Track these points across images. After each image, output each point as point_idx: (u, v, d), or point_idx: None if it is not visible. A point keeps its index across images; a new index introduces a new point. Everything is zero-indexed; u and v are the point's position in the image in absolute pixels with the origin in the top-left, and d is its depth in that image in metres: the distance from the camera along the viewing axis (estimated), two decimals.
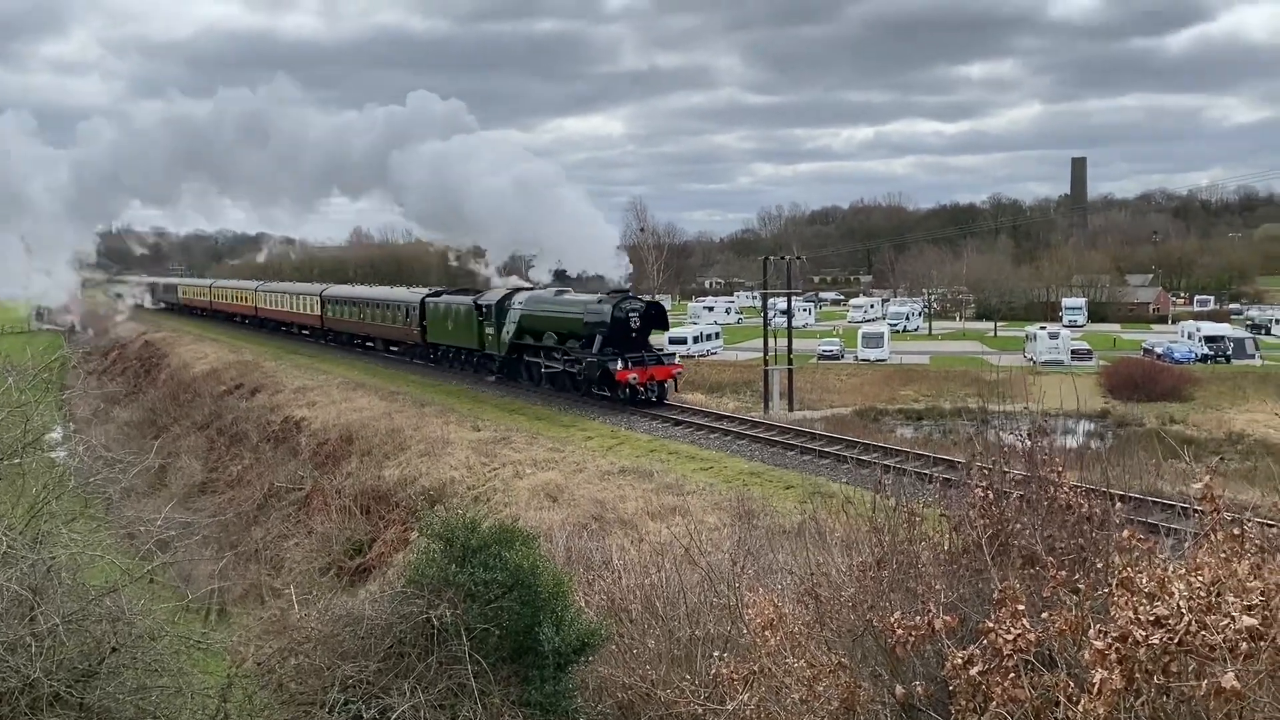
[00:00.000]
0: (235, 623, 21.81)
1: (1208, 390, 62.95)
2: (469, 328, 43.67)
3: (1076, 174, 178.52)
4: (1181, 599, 5.46)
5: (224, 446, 40.58)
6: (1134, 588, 5.68)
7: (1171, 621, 5.38)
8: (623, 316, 34.99)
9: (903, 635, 6.81)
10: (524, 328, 40.20)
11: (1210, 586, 5.62)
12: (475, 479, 27.21)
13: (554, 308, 38.80)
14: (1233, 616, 5.28)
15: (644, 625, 11.48)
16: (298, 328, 68.01)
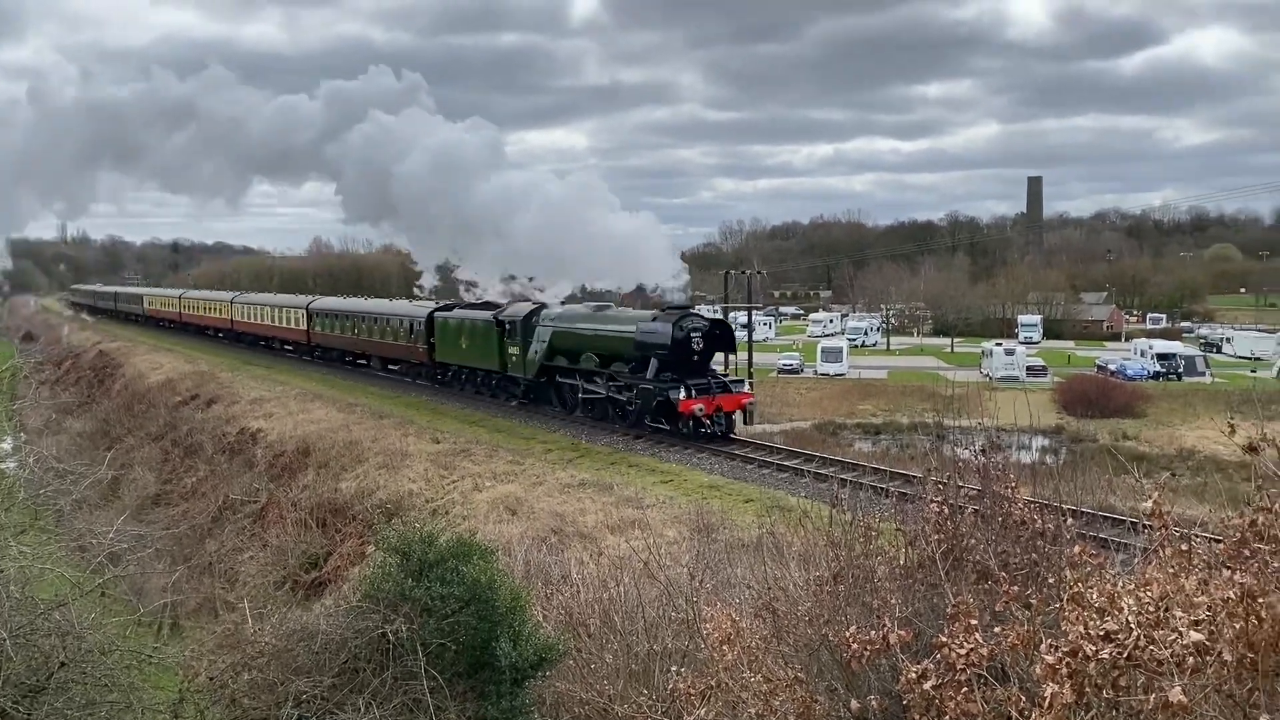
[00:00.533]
0: (188, 637, 21.54)
1: (1160, 407, 63.95)
2: (488, 346, 38.97)
3: (1032, 193, 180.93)
4: (1130, 614, 5.54)
5: (179, 458, 40.03)
6: (1084, 603, 5.76)
7: (1121, 636, 5.46)
8: (684, 337, 30.31)
9: (858, 649, 6.85)
10: (556, 347, 35.26)
11: (1158, 602, 5.71)
12: (434, 491, 27.05)
13: (596, 325, 33.87)
14: (1180, 631, 5.36)
15: (602, 640, 11.46)
16: (280, 343, 63.06)
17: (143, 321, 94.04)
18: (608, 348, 33.02)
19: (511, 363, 37.64)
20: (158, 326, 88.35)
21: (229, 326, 70.97)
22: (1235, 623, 5.29)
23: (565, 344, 34.90)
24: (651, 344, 30.74)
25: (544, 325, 35.88)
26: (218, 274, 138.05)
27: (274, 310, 64.04)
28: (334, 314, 55.54)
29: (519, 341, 36.85)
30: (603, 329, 33.50)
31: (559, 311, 36.16)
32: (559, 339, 35.14)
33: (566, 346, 34.85)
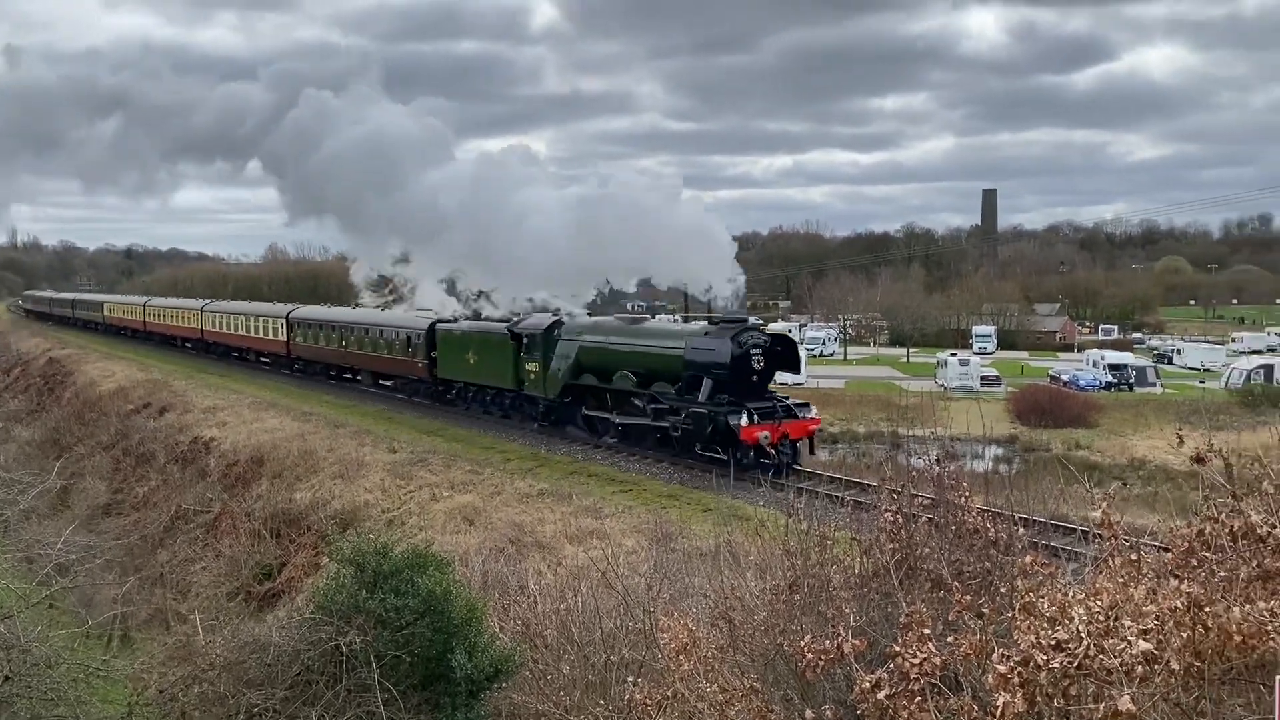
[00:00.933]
0: (139, 649, 21.21)
1: (1111, 417, 64.81)
2: (500, 362, 34.92)
3: (987, 205, 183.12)
4: (1081, 623, 5.61)
5: (130, 467, 39.41)
6: (1035, 612, 5.82)
7: (1071, 645, 5.52)
8: (743, 354, 26.38)
9: (812, 659, 6.88)
10: (584, 364, 31.30)
11: (1108, 611, 5.78)
12: (390, 502, 26.84)
13: (634, 340, 29.93)
14: (1129, 641, 5.44)
15: (559, 651, 11.41)
16: (256, 355, 58.67)
17: (102, 330, 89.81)
18: (649, 365, 29.19)
19: (529, 381, 33.75)
20: (119, 335, 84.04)
21: (199, 336, 66.47)
22: (1182, 632, 5.38)
23: (595, 360, 31.03)
24: (706, 362, 26.83)
25: (569, 339, 32.05)
26: (171, 280, 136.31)
27: (250, 320, 59.45)
28: (318, 324, 51.30)
29: (538, 357, 32.92)
30: (643, 344, 29.57)
31: (587, 323, 32.43)
32: (588, 355, 31.27)
33: (597, 363, 31.02)
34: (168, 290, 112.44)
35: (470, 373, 37.33)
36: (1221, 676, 5.45)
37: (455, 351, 38.16)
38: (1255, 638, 5.33)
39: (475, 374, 37.08)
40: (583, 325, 32.20)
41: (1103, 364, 79.08)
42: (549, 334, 32.75)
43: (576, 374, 31.53)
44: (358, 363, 46.83)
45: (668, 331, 30.15)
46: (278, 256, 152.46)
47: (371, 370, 46.09)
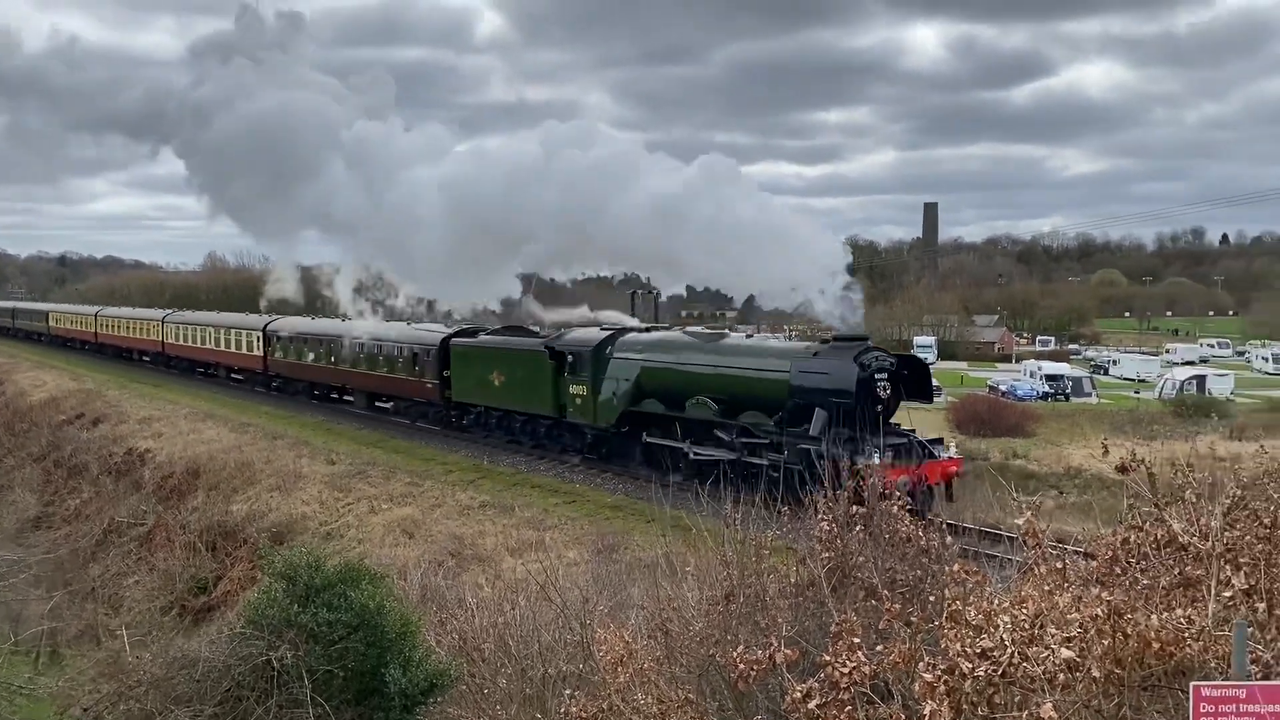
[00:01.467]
0: (67, 666, 20.72)
1: (1049, 426, 65.79)
2: (535, 384, 30.30)
3: (929, 218, 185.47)
4: (1006, 632, 5.67)
5: (62, 479, 38.58)
6: (962, 620, 5.88)
7: (996, 654, 5.59)
8: (867, 378, 22.18)
9: (745, 669, 6.89)
10: (647, 388, 26.72)
11: (1033, 619, 5.86)
12: (328, 514, 26.53)
13: (717, 360, 25.29)
14: (1052, 649, 5.51)
15: (496, 664, 11.32)
16: (226, 371, 54.04)
17: (47, 342, 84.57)
18: (737, 390, 24.41)
19: (574, 406, 29.19)
20: (66, 348, 78.65)
21: (159, 349, 61.28)
22: (1104, 639, 5.46)
23: (662, 383, 26.40)
24: (822, 389, 22.32)
25: (626, 358, 27.49)
26: (107, 288, 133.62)
27: (220, 332, 54.01)
28: (302, 338, 45.84)
29: (586, 378, 28.46)
30: (731, 365, 24.81)
31: (650, 339, 27.99)
32: (652, 377, 26.60)
33: (664, 387, 26.34)
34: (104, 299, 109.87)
35: (494, 395, 32.63)
36: (1141, 683, 5.55)
37: (475, 370, 33.36)
38: (1173, 644, 5.44)
39: (501, 397, 32.37)
40: (644, 342, 27.77)
41: (1040, 374, 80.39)
42: (599, 352, 28.30)
43: (636, 399, 26.92)
44: (351, 381, 42.03)
45: (765, 350, 25.14)
46: (217, 265, 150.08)
47: (367, 390, 41.28)
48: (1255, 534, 6.16)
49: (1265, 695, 5.02)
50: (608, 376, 27.74)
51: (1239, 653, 5.14)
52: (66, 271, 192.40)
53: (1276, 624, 5.64)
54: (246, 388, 51.21)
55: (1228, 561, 6.01)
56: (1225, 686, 5.07)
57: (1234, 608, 5.78)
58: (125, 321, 68.81)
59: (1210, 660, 5.47)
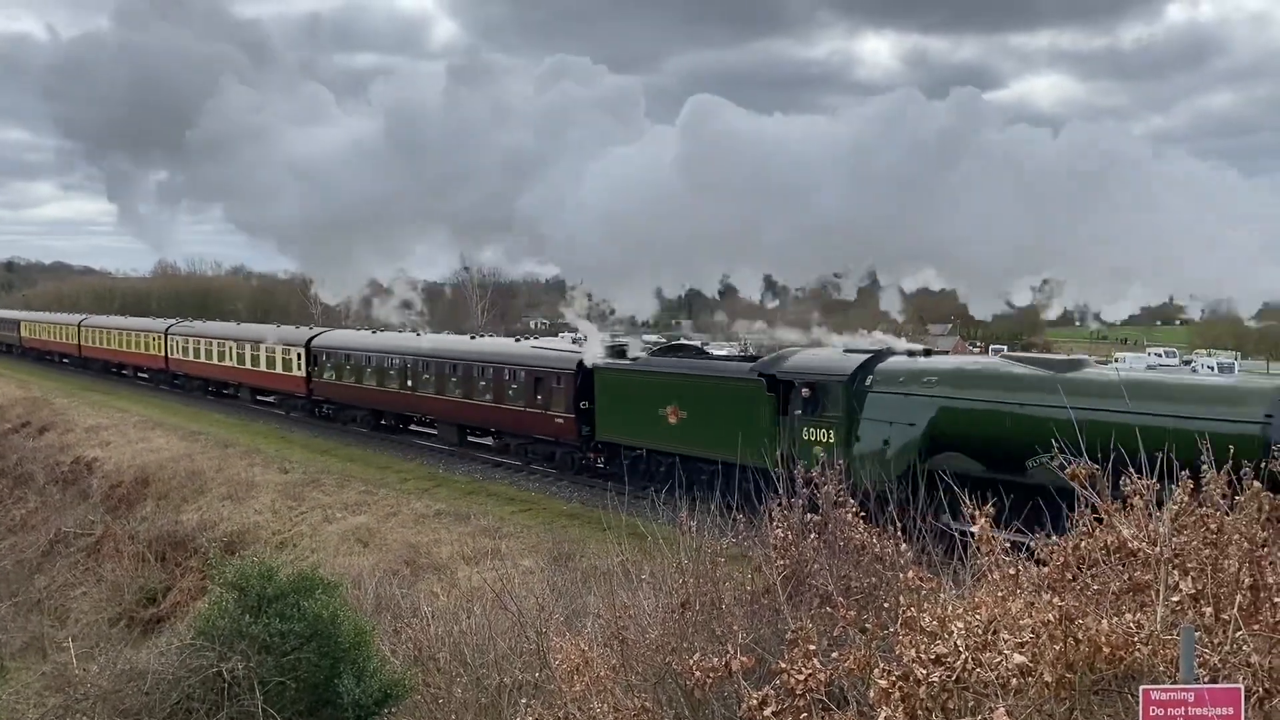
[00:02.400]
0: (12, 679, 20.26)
1: None
2: (742, 423, 22.19)
3: None
4: (960, 637, 5.72)
5: (7, 489, 37.84)
6: (916, 627, 5.92)
7: (950, 659, 5.63)
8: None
9: (700, 677, 6.89)
10: (947, 436, 19.06)
11: (987, 625, 5.91)
12: (281, 524, 26.24)
13: (1101, 402, 16.89)
14: (1005, 654, 5.56)
15: (451, 674, 11.24)
16: (253, 392, 46.42)
17: (19, 354, 76.82)
18: (1149, 447, 10.78)
19: (809, 457, 19.51)
20: (42, 362, 70.91)
21: (162, 366, 53.47)
22: (1055, 644, 5.52)
23: (980, 433, 18.71)
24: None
25: (903, 393, 20.08)
26: (55, 294, 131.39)
27: (249, 349, 45.11)
28: (362, 355, 38.00)
29: (837, 419, 21.10)
30: (1145, 413, 15.90)
31: (949, 368, 20.65)
32: (958, 422, 19.04)
33: (983, 438, 18.64)
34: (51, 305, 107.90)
35: (667, 436, 24.99)
36: (1092, 687, 5.61)
37: (636, 403, 25.78)
38: (1123, 649, 5.51)
39: (678, 439, 24.65)
40: (938, 371, 20.30)
41: None
42: (855, 383, 21.05)
43: (927, 452, 19.15)
44: (433, 410, 34.45)
45: (1208, 390, 17.23)
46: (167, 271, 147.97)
47: (459, 422, 33.53)
48: (1202, 539, 6.26)
49: (1213, 698, 5.09)
50: (869, 418, 20.53)
51: (1187, 656, 5.21)
52: (14, 277, 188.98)
53: (1223, 628, 5.73)
54: (279, 414, 44.18)
55: (1175, 566, 6.09)
56: (1174, 690, 5.13)
57: (1182, 612, 5.86)
58: (120, 334, 59.55)
59: (1159, 664, 5.55)
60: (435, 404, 33.83)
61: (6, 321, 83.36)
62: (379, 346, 37.49)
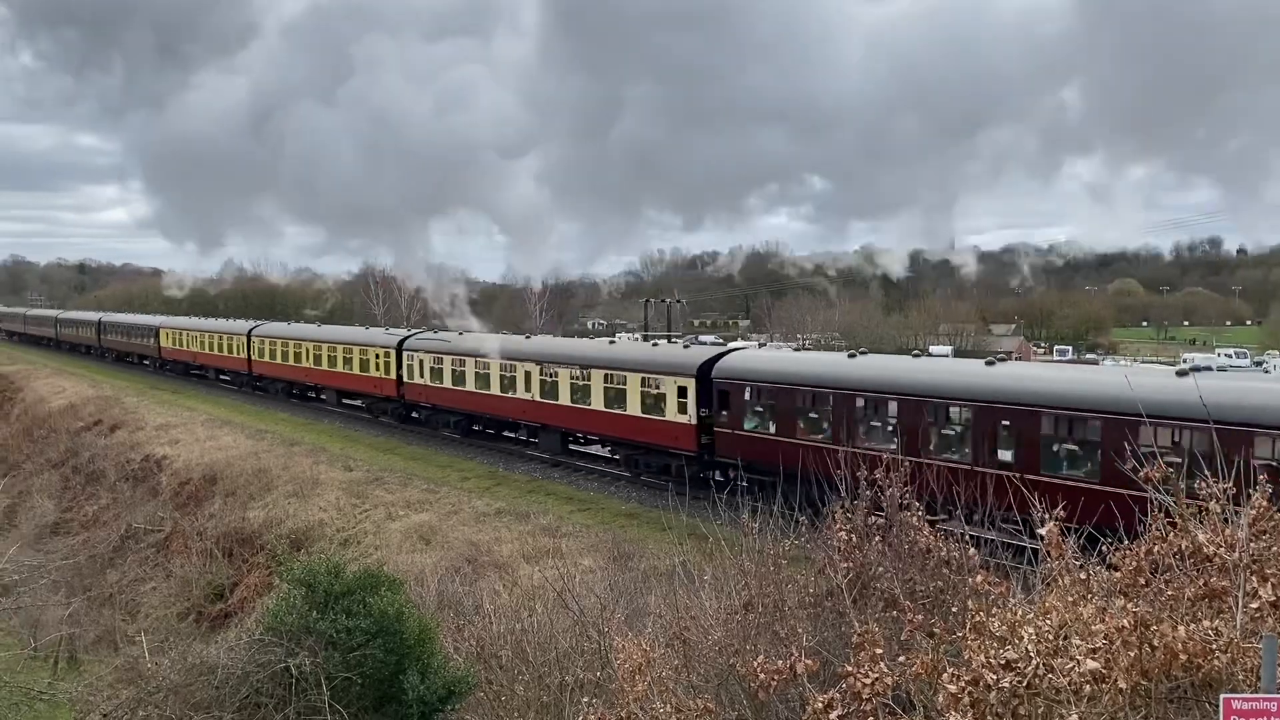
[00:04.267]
0: (86, 671, 20.80)
1: None
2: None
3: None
4: (1030, 643, 5.63)
5: (80, 485, 38.78)
6: (986, 631, 5.84)
7: (1021, 665, 5.54)
8: None
9: (765, 679, 6.85)
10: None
11: (1058, 630, 5.81)
12: (345, 521, 26.56)
13: None
14: (1077, 660, 5.46)
15: (514, 672, 11.31)
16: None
17: (155, 368, 66.07)
18: None
19: None
20: (191, 378, 59.71)
21: (392, 394, 40.19)
22: (1129, 650, 5.41)
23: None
24: None
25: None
26: (126, 296, 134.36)
27: (492, 369, 34.20)
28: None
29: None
30: None
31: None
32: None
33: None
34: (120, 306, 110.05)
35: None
36: (1168, 695, 5.49)
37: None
38: (1200, 656, 5.38)
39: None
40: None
41: None
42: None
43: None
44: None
45: None
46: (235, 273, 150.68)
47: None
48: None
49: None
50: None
51: (1269, 665, 5.08)
52: (85, 279, 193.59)
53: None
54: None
55: (1254, 572, 5.95)
56: (1256, 699, 5.01)
57: (1261, 619, 5.72)
58: (312, 347, 47.09)
59: (1238, 673, 5.42)
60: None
61: (132, 327, 72.72)
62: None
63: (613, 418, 28.87)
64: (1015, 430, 19.40)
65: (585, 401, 29.80)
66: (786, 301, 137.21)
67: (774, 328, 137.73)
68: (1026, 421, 19.21)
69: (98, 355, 77.77)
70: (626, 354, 30.76)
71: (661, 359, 28.49)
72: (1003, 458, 19.38)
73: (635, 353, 31.18)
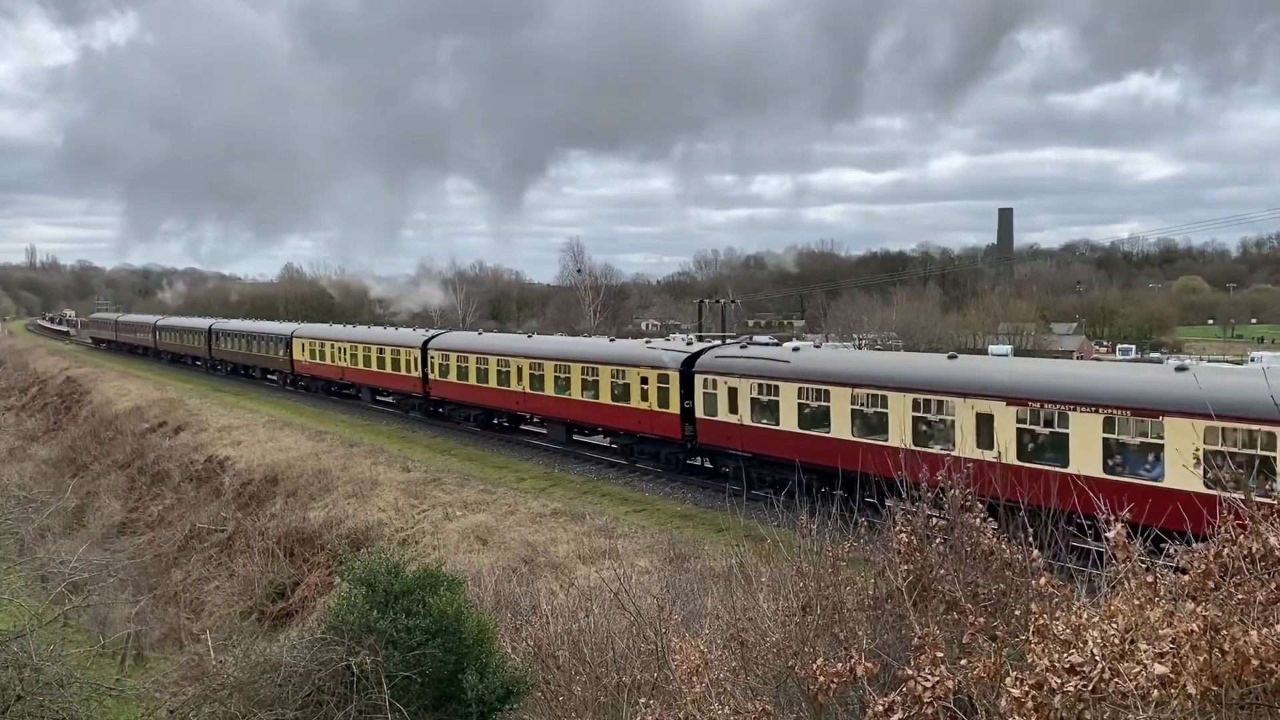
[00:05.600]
0: (152, 668, 21.25)
1: None
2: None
3: (1004, 224, 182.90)
4: (1095, 646, 5.53)
5: (145, 486, 39.59)
6: (1050, 635, 5.75)
7: (1086, 669, 5.45)
8: None
9: (825, 681, 6.81)
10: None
11: (1124, 634, 5.70)
12: (403, 521, 26.84)
13: None
14: (1145, 664, 5.36)
15: (571, 672, 11.35)
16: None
17: (288, 384, 57.23)
18: None
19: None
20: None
21: (679, 438, 29.79)
22: (1199, 655, 5.30)
23: None
24: None
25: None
26: (188, 300, 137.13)
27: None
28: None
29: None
30: None
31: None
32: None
33: None
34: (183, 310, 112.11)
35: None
36: (1239, 700, 5.37)
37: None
38: (1274, 661, 5.25)
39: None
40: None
41: None
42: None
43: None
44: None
45: None
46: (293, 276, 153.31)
47: None
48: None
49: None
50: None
51: None
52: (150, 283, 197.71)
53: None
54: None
55: None
56: None
57: None
58: (539, 365, 36.26)
59: None
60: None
61: (265, 336, 61.72)
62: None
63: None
64: None
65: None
66: (842, 301, 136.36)
67: (829, 327, 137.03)
68: None
69: (206, 368, 68.54)
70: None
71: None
72: None
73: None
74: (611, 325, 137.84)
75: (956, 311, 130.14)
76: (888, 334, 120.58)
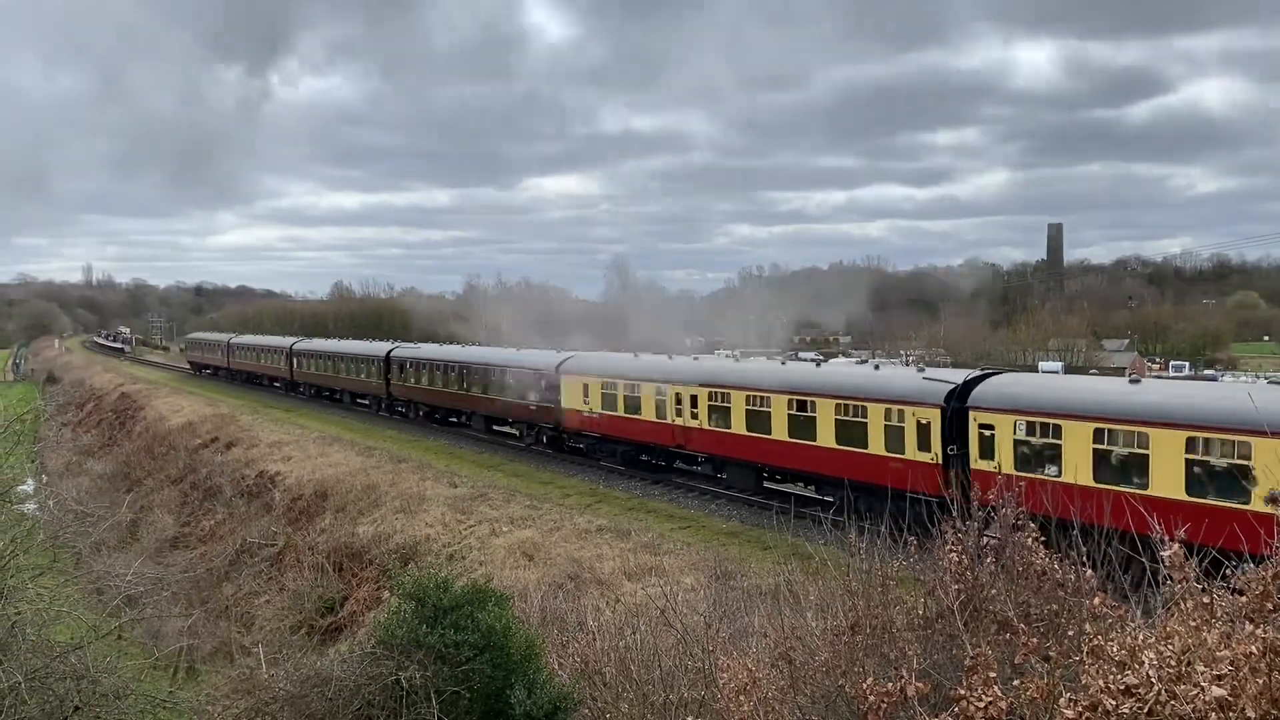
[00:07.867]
0: (204, 681, 21.48)
1: None
2: None
3: (1053, 239, 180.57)
4: (1151, 668, 5.46)
5: (197, 501, 40.18)
6: (1104, 655, 5.68)
7: (1141, 691, 5.37)
8: None
9: (875, 701, 6.76)
10: None
11: (1180, 655, 5.62)
12: (451, 536, 27.00)
13: None
14: (1202, 686, 5.27)
15: (618, 689, 11.34)
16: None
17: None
18: None
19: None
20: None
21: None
22: (1258, 678, 5.21)
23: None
24: None
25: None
26: (240, 317, 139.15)
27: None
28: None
29: None
30: None
31: None
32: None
33: None
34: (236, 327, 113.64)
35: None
36: None
37: None
38: None
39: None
40: None
41: None
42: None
43: None
44: None
45: None
46: (343, 294, 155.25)
47: None
48: None
49: None
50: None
51: None
52: (203, 301, 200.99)
53: None
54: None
55: None
56: None
57: None
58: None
59: None
60: None
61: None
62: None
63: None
64: None
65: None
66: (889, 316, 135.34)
67: (876, 342, 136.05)
68: None
69: (385, 411, 51.91)
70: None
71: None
72: None
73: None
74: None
75: (1006, 327, 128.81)
76: (935, 349, 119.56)
